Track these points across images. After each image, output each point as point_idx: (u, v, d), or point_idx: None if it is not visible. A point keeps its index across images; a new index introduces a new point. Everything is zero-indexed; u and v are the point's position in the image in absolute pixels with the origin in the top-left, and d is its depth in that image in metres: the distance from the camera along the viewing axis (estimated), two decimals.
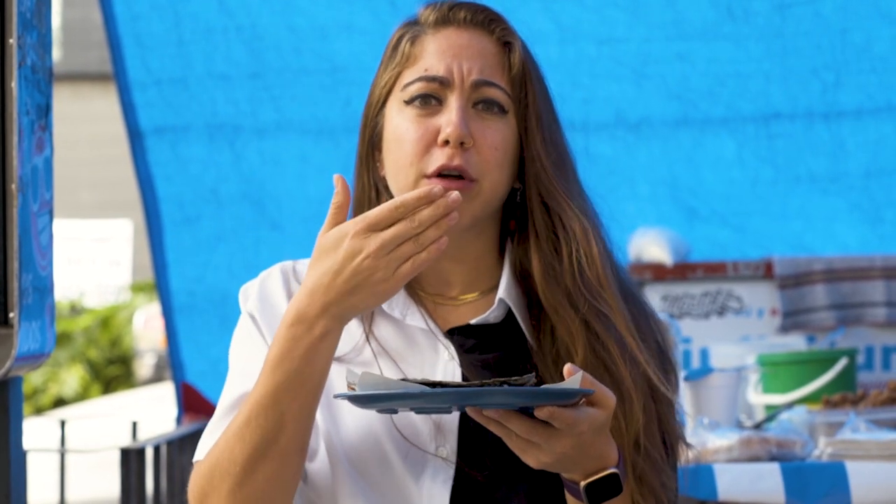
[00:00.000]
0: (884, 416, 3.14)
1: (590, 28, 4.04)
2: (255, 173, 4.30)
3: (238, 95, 4.21)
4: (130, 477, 3.56)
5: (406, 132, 1.85)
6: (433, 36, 1.88)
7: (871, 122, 4.11)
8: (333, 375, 1.85)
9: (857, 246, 4.20)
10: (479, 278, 1.92)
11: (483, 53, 1.87)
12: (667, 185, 4.24)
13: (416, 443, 1.83)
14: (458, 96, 1.84)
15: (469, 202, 1.83)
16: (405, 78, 1.87)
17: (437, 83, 1.84)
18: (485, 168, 1.84)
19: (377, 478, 1.83)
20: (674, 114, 4.16)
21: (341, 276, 1.70)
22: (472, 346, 1.88)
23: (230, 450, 1.74)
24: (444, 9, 1.89)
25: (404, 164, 1.84)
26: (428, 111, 1.85)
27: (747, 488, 2.89)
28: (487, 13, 1.89)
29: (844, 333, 3.90)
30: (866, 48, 4.01)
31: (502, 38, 1.89)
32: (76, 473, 5.16)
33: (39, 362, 2.56)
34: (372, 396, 1.65)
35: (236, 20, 4.13)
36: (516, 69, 1.87)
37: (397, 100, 1.87)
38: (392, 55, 1.91)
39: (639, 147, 4.19)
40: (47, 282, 2.56)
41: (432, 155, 1.83)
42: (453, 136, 1.82)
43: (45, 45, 2.57)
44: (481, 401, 1.63)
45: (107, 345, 17.07)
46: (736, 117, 4.15)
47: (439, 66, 1.85)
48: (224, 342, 1.83)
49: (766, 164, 4.17)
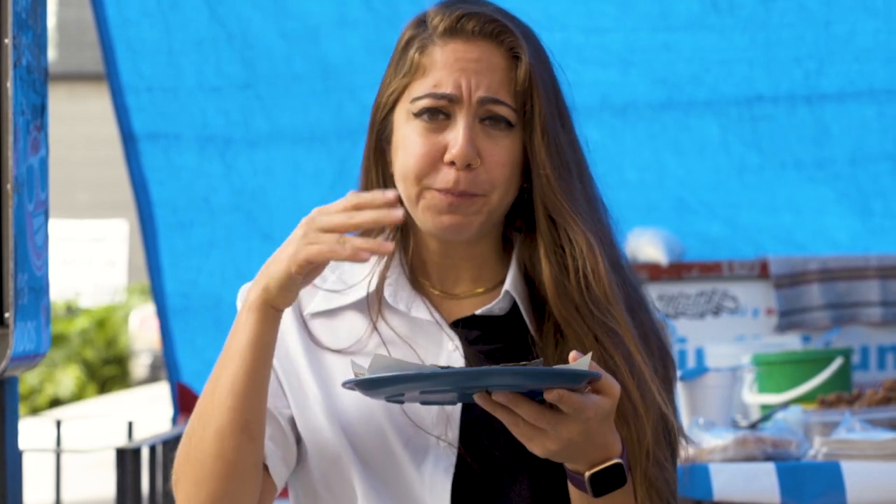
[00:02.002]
0: (879, 415, 3.14)
1: (577, 20, 4.05)
2: (245, 184, 4.29)
3: (229, 107, 4.20)
4: (126, 477, 3.56)
5: (414, 145, 1.85)
6: (442, 49, 1.87)
7: (853, 105, 4.12)
8: (336, 366, 1.87)
9: (848, 241, 4.20)
10: (485, 275, 1.94)
11: (491, 69, 1.86)
12: (654, 171, 4.24)
13: (417, 432, 1.84)
14: (466, 113, 1.84)
15: (477, 213, 1.85)
16: (414, 91, 1.87)
17: (445, 100, 1.85)
18: (493, 183, 1.85)
19: (379, 464, 1.84)
20: (658, 97, 4.17)
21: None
22: (476, 338, 1.90)
23: (188, 431, 1.79)
24: (453, 18, 1.88)
25: (410, 177, 1.86)
26: (436, 125, 1.85)
27: (743, 488, 2.89)
28: (496, 24, 1.88)
29: (840, 333, 3.90)
30: (849, 40, 4.02)
31: (512, 50, 1.89)
32: (72, 473, 5.16)
33: (35, 362, 2.56)
34: (382, 380, 1.66)
35: (227, 28, 4.11)
36: (522, 84, 1.87)
37: (405, 110, 1.88)
38: (401, 60, 1.90)
39: (625, 132, 4.21)
40: (43, 282, 2.56)
41: (439, 172, 1.84)
42: (459, 158, 1.82)
43: (41, 45, 2.57)
44: (491, 381, 1.64)
45: (102, 345, 17.07)
46: (719, 100, 4.15)
47: (448, 81, 1.85)
48: (217, 344, 1.84)
49: (751, 149, 4.17)
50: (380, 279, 1.92)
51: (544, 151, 1.88)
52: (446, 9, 1.90)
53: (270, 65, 4.17)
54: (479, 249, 1.93)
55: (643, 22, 4.07)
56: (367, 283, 1.93)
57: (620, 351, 1.84)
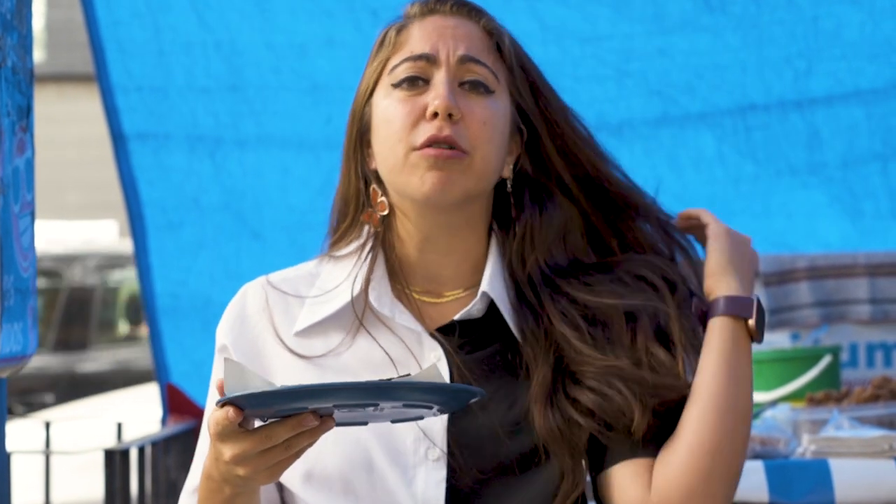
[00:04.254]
0: (867, 413, 3.14)
1: (573, 26, 4.04)
2: (235, 184, 4.29)
3: (218, 108, 4.20)
4: (115, 478, 3.55)
5: (395, 111, 1.85)
6: (419, 23, 1.90)
7: (842, 108, 4.12)
8: (304, 377, 1.86)
9: (838, 241, 4.20)
10: (468, 274, 1.92)
11: (469, 36, 1.89)
12: (651, 188, 4.23)
13: (402, 449, 1.82)
14: (445, 73, 1.85)
15: (461, 175, 1.83)
16: (392, 62, 1.88)
17: (423, 61, 1.86)
18: (475, 142, 1.84)
19: (366, 489, 1.82)
20: (654, 112, 4.16)
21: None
22: (461, 344, 1.88)
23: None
24: (430, 2, 1.91)
25: (394, 142, 1.85)
26: (415, 91, 1.86)
27: None
28: (471, 5, 1.91)
29: (828, 331, 3.90)
30: (836, 34, 4.02)
31: (487, 27, 1.90)
32: (61, 475, 5.15)
33: (22, 364, 2.56)
34: (245, 399, 1.55)
35: (215, 35, 4.11)
36: (504, 52, 1.89)
37: (385, 85, 1.88)
38: (379, 48, 1.92)
39: (621, 150, 4.19)
40: (29, 283, 2.55)
41: (421, 128, 1.84)
42: (441, 108, 1.82)
43: (26, 46, 2.56)
44: (328, 400, 1.56)
45: None
46: (714, 111, 4.16)
47: (424, 45, 1.87)
48: (207, 345, 1.83)
49: (747, 159, 4.17)
50: (364, 284, 1.91)
51: (539, 113, 1.89)
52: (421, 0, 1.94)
53: (258, 73, 4.16)
54: (461, 244, 1.91)
55: (638, 25, 4.06)
56: (351, 288, 1.91)
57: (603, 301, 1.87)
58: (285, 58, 4.12)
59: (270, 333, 1.90)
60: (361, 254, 1.92)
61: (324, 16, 4.07)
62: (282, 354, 1.90)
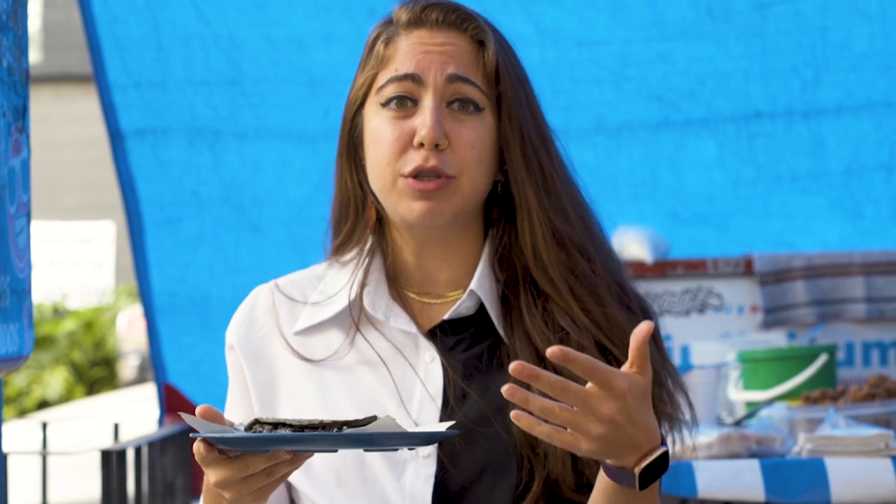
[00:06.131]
0: (863, 411, 3.14)
1: (570, 31, 4.04)
2: (235, 176, 4.30)
3: (217, 101, 4.21)
4: (111, 478, 3.55)
5: (383, 134, 1.85)
6: (406, 37, 1.88)
7: (850, 119, 4.12)
8: (305, 379, 1.87)
9: (837, 242, 4.20)
10: (465, 275, 1.92)
11: (457, 52, 1.87)
12: (648, 186, 4.24)
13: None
14: (432, 95, 1.84)
15: (448, 199, 1.84)
16: (379, 80, 1.88)
17: (408, 80, 1.85)
18: (462, 166, 1.84)
19: (358, 484, 1.83)
20: (654, 116, 4.16)
21: None
22: (454, 344, 1.89)
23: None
24: (416, 10, 1.90)
25: (382, 166, 1.85)
26: (404, 113, 1.85)
27: (727, 485, 2.89)
28: (460, 13, 1.89)
29: (824, 329, 3.90)
30: (846, 46, 4.02)
31: (476, 37, 1.89)
32: (58, 476, 5.15)
33: (18, 364, 2.56)
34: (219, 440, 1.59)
35: (214, 29, 4.12)
36: (490, 67, 1.87)
37: (374, 102, 1.88)
38: (368, 57, 1.92)
39: (620, 152, 4.19)
40: (25, 284, 2.55)
41: (408, 156, 1.84)
42: (427, 139, 1.82)
43: (22, 46, 2.56)
44: (308, 446, 1.58)
45: (90, 347, 17.03)
46: (716, 118, 4.15)
47: (409, 64, 1.86)
48: (205, 343, 1.84)
49: (747, 164, 4.17)
50: (359, 288, 1.91)
51: (517, 135, 1.88)
52: (411, 3, 1.91)
53: (257, 67, 4.18)
54: (457, 248, 1.91)
55: (637, 31, 4.06)
56: (349, 293, 1.92)
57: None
58: (283, 51, 4.13)
59: (276, 335, 1.92)
60: (360, 258, 1.93)
61: (321, 11, 4.09)
62: (286, 356, 1.91)
